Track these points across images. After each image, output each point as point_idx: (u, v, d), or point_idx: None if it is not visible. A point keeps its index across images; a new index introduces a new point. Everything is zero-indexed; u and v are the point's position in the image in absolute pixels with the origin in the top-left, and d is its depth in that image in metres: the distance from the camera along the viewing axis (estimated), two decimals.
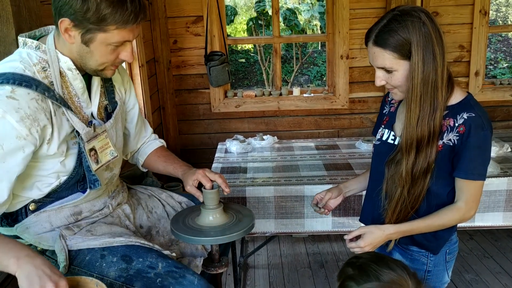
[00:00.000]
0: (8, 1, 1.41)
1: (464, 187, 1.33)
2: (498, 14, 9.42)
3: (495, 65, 8.62)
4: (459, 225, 2.26)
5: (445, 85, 1.27)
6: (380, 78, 1.31)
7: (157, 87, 3.40)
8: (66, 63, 1.23)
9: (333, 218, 2.27)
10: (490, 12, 3.68)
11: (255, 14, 8.15)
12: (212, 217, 1.43)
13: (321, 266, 2.82)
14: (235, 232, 1.38)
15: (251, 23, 8.18)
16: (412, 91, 1.26)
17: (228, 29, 8.19)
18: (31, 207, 1.27)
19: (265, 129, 3.62)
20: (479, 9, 3.37)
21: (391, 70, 1.27)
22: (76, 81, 1.26)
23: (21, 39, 1.23)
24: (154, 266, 1.26)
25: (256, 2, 8.08)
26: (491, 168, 2.23)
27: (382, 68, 1.29)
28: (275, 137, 3.07)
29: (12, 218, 1.28)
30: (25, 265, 0.97)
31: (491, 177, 2.21)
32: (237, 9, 9.00)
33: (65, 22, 1.14)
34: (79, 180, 1.32)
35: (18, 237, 1.29)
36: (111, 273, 1.25)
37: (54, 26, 1.24)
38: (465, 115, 1.27)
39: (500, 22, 9.28)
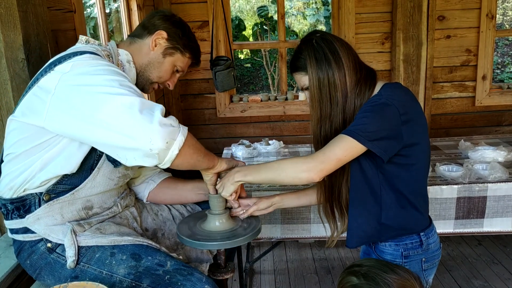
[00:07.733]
0: (15, 7, 1.41)
1: (333, 139, 1.30)
2: (505, 18, 9.38)
3: (502, 69, 8.58)
4: (466, 230, 2.26)
5: (350, 85, 1.35)
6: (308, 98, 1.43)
7: (163, 92, 3.40)
8: (127, 55, 1.43)
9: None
10: (497, 16, 3.65)
11: (259, 20, 8.17)
12: (218, 222, 1.43)
13: (328, 272, 2.80)
14: (241, 237, 1.38)
15: (256, 28, 8.20)
16: (312, 96, 1.38)
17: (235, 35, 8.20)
18: (45, 197, 1.28)
19: (271, 133, 3.61)
20: (486, 12, 3.35)
21: (308, 87, 1.39)
22: (131, 73, 1.44)
23: (83, 37, 1.37)
24: (163, 264, 1.29)
25: (258, 8, 8.11)
26: (500, 173, 2.21)
27: (303, 88, 1.42)
28: (281, 142, 3.06)
29: (25, 209, 1.29)
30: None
31: (500, 182, 2.18)
32: (244, 14, 9.03)
33: (162, 33, 1.42)
34: (93, 163, 1.31)
35: (28, 229, 1.30)
36: (121, 270, 1.27)
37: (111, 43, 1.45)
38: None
39: (507, 26, 9.23)
